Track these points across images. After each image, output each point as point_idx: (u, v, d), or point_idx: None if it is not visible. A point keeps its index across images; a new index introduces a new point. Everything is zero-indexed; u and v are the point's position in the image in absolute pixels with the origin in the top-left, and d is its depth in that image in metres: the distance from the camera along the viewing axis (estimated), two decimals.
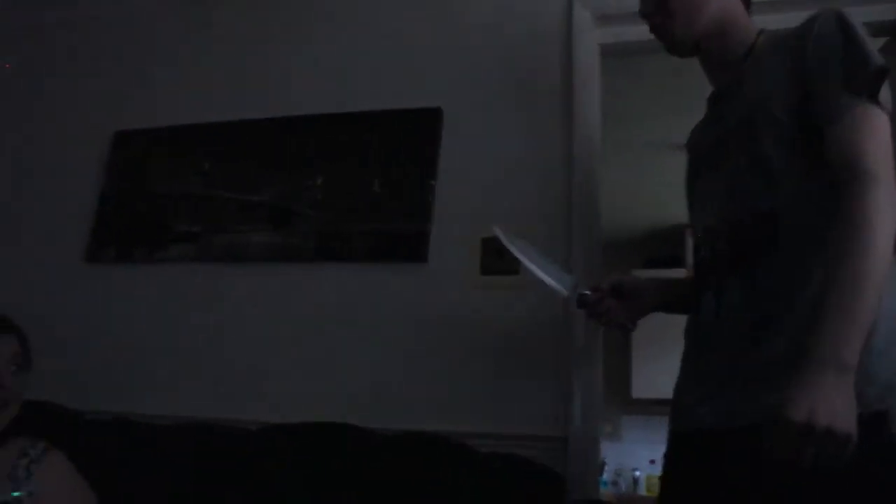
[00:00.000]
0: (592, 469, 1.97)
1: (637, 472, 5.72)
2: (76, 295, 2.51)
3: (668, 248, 5.51)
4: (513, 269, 1.97)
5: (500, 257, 1.78)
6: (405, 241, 2.21)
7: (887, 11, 2.05)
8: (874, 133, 1.22)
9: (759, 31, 1.47)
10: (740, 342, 1.28)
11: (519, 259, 1.70)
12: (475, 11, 2.41)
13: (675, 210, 4.34)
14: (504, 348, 2.04)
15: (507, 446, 1.83)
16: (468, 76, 2.34)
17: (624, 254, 5.67)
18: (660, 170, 4.42)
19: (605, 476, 5.68)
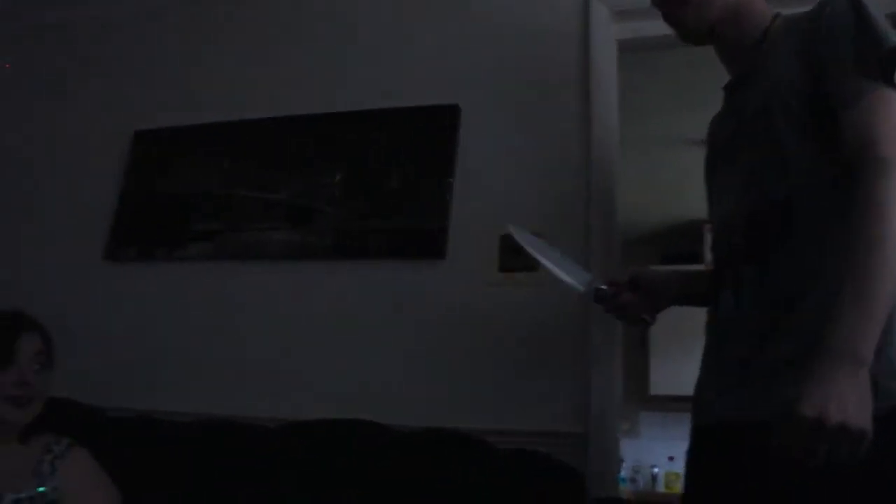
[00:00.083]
0: (612, 466, 1.97)
1: (655, 469, 5.67)
2: (96, 293, 2.52)
3: (685, 243, 5.47)
4: (531, 266, 1.95)
5: (519, 254, 1.77)
6: (423, 239, 2.21)
7: None
8: (889, 118, 1.19)
9: (775, 16, 1.44)
10: (756, 335, 1.26)
11: (533, 256, 1.69)
12: (493, 8, 2.41)
13: (693, 205, 4.33)
14: (523, 345, 2.04)
15: (526, 443, 1.82)
16: (486, 73, 2.34)
17: (640, 250, 5.63)
18: (676, 165, 4.38)
19: (623, 473, 5.64)
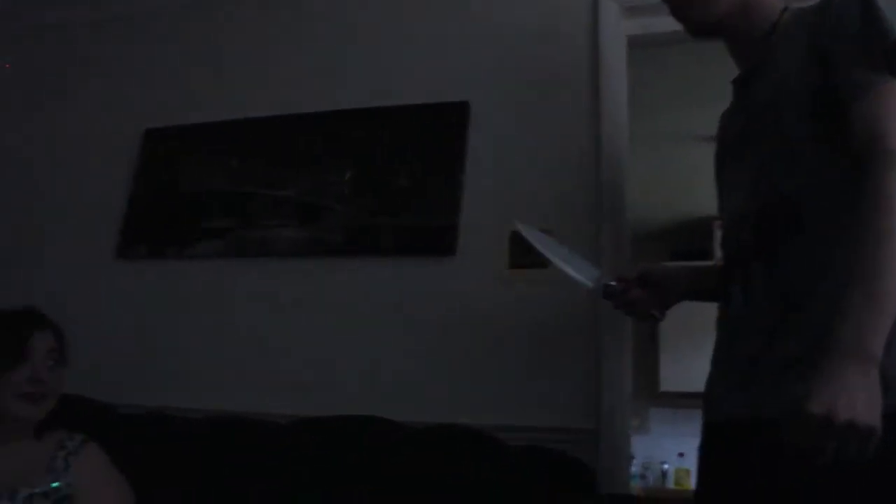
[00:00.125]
0: (623, 462, 1.97)
1: (665, 466, 5.66)
2: (108, 291, 2.54)
3: (695, 240, 5.45)
4: (541, 263, 1.94)
5: (529, 251, 1.76)
6: (433, 235, 2.21)
7: None
8: None
9: (784, 9, 1.42)
10: (765, 332, 1.26)
11: (541, 253, 1.69)
12: (502, 5, 2.40)
13: (702, 202, 4.33)
14: (533, 341, 2.04)
15: (537, 439, 1.83)
16: (496, 69, 2.34)
17: (650, 246, 5.61)
18: (686, 161, 4.35)
19: (634, 469, 5.63)
